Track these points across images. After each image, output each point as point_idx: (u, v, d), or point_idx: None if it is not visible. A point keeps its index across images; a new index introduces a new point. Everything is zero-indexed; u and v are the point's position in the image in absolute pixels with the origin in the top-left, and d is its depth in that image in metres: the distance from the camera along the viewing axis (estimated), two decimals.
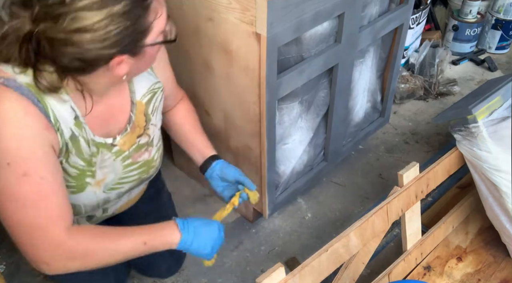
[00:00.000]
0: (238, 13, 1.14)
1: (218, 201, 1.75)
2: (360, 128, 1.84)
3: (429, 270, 1.33)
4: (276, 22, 1.11)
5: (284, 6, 1.11)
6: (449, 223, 1.42)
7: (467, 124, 1.31)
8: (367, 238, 1.14)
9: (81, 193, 0.96)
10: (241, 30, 1.16)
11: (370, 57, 1.68)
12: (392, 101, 1.99)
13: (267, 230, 1.65)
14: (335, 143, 1.69)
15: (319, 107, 1.54)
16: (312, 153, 1.64)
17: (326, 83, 1.50)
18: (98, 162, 0.96)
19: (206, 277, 1.51)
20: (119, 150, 0.99)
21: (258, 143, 1.37)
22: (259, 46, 1.14)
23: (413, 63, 2.36)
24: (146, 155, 1.07)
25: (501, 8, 2.57)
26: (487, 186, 1.30)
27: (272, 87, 1.23)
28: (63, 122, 0.86)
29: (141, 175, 1.08)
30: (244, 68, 1.23)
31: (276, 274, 0.94)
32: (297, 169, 1.60)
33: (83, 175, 0.94)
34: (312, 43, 1.32)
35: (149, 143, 1.07)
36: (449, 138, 2.02)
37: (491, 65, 2.53)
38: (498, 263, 1.35)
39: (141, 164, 1.06)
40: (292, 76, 1.28)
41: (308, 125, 1.54)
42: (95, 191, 0.99)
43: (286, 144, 1.50)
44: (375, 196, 1.76)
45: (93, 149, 0.93)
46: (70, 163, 0.91)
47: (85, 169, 0.94)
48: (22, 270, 1.52)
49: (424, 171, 1.27)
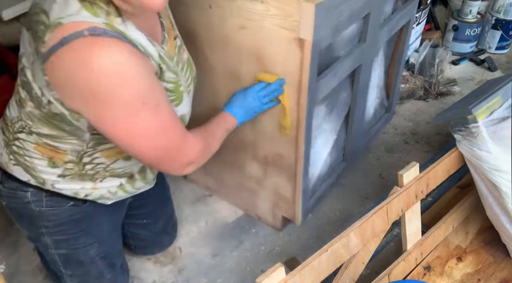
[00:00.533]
0: (277, 19, 1.11)
1: (218, 200, 1.76)
2: (371, 125, 1.85)
3: (429, 270, 1.33)
4: (320, 26, 1.10)
5: (327, 9, 1.10)
6: (449, 223, 1.42)
7: (467, 125, 1.31)
8: (367, 238, 1.14)
9: (182, 103, 1.06)
10: (280, 37, 1.14)
11: (382, 55, 1.70)
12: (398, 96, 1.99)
13: (267, 230, 1.66)
14: (353, 143, 1.69)
15: (341, 108, 1.54)
16: (335, 155, 1.63)
17: (348, 83, 1.50)
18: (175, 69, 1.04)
19: (206, 277, 1.51)
20: (171, 56, 1.05)
21: (293, 150, 1.35)
22: (302, 52, 1.12)
23: (413, 63, 2.36)
24: (185, 55, 1.14)
25: (501, 8, 2.57)
26: (487, 186, 1.30)
27: (312, 91, 1.21)
28: (147, 46, 0.92)
29: (191, 74, 1.16)
30: (282, 75, 1.21)
31: (276, 274, 0.94)
32: (322, 172, 1.60)
33: (177, 86, 1.03)
34: (342, 44, 1.32)
35: (182, 44, 1.14)
36: (449, 138, 2.01)
37: (491, 65, 2.53)
38: (498, 263, 1.35)
39: (187, 64, 1.14)
40: (328, 79, 1.27)
41: (331, 128, 1.54)
42: (187, 97, 1.10)
43: (312, 148, 1.49)
44: (375, 196, 1.76)
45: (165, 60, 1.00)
46: (166, 79, 0.98)
47: (176, 80, 1.02)
48: (22, 270, 1.52)
49: (424, 171, 1.27)
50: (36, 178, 1.04)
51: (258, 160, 1.48)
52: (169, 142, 0.95)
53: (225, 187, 1.70)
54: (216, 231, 1.66)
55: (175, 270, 1.54)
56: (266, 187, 1.54)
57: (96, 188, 1.10)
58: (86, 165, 1.04)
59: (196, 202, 1.77)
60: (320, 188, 1.62)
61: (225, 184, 1.68)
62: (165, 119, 0.93)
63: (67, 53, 0.80)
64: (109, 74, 0.81)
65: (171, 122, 0.94)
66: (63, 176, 1.04)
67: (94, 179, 1.08)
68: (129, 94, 0.84)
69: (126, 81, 0.82)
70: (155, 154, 0.95)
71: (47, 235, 1.13)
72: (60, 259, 1.19)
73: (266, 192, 1.55)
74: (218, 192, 1.75)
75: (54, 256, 1.19)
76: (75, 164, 1.03)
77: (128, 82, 0.83)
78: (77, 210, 1.11)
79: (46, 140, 0.99)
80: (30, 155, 1.02)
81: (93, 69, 0.80)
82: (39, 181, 1.05)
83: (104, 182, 1.10)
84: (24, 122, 0.99)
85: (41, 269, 1.51)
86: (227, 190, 1.70)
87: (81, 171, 1.05)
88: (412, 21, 1.71)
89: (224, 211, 1.73)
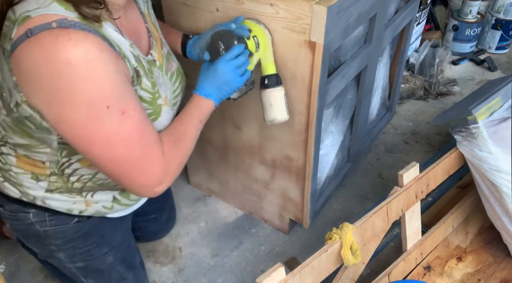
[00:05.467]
0: (287, 22, 1.10)
1: (218, 200, 1.76)
2: (373, 125, 1.86)
3: (429, 270, 1.33)
4: (331, 29, 1.08)
5: (338, 12, 1.08)
6: (449, 223, 1.42)
7: (468, 125, 1.31)
8: (367, 238, 1.14)
9: (160, 118, 0.98)
10: (290, 40, 1.12)
11: (386, 55, 1.70)
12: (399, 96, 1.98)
13: (267, 230, 1.66)
14: (358, 143, 1.69)
15: (347, 109, 1.53)
16: (341, 156, 1.63)
17: (353, 85, 1.50)
18: (155, 80, 0.96)
19: (206, 277, 1.51)
20: (160, 64, 1.01)
21: (302, 152, 1.34)
22: (313, 54, 1.11)
23: (413, 63, 2.36)
24: (173, 64, 1.09)
25: (501, 8, 2.57)
26: (488, 186, 1.30)
27: (322, 94, 1.20)
28: (123, 47, 0.85)
29: (181, 84, 1.10)
30: (291, 78, 1.19)
31: (276, 274, 0.94)
32: (329, 174, 1.60)
33: (154, 97, 0.95)
34: (349, 46, 1.32)
35: (169, 51, 1.09)
36: (449, 138, 2.02)
37: (491, 65, 2.53)
38: (498, 263, 1.35)
39: (176, 73, 1.08)
40: (337, 81, 1.26)
41: (338, 129, 1.53)
42: (167, 111, 1.01)
43: (320, 150, 1.48)
44: (375, 196, 1.76)
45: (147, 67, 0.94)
46: (142, 87, 0.91)
47: (154, 91, 0.95)
48: (22, 270, 1.52)
49: (424, 171, 1.27)
50: (26, 195, 1.00)
51: (266, 163, 1.47)
52: (129, 157, 0.85)
53: (230, 190, 1.69)
54: (216, 231, 1.66)
55: (175, 270, 1.54)
56: (273, 190, 1.53)
57: (89, 204, 1.04)
58: (70, 177, 0.98)
59: (196, 202, 1.77)
60: (327, 190, 1.62)
61: (230, 188, 1.68)
62: (129, 131, 0.82)
63: (32, 46, 0.73)
64: (74, 69, 0.73)
65: (136, 136, 0.84)
66: (50, 190, 0.99)
67: (84, 193, 1.02)
68: (92, 93, 0.76)
69: (91, 78, 0.75)
70: (112, 167, 0.86)
71: (59, 252, 1.10)
72: (79, 271, 1.16)
73: (273, 195, 1.55)
74: (223, 196, 1.74)
75: (72, 269, 1.16)
76: (58, 176, 0.98)
77: (93, 79, 0.75)
78: (83, 225, 1.08)
79: (20, 151, 0.95)
80: (14, 170, 0.98)
81: (56, 61, 0.73)
82: (29, 198, 1.00)
83: (96, 196, 1.04)
84: (0, 134, 0.95)
85: (41, 269, 1.52)
86: (232, 194, 1.69)
87: (67, 184, 0.99)
88: (413, 21, 1.71)
89: (224, 211, 1.73)
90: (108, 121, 0.79)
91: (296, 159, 1.37)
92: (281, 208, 1.57)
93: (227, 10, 1.19)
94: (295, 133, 1.31)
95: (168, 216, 1.57)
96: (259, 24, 1.13)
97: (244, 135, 1.45)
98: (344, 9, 1.11)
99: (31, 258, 1.54)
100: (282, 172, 1.45)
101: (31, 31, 0.74)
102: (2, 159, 0.99)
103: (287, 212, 1.56)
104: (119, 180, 0.89)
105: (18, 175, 0.99)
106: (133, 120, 0.83)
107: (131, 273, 1.26)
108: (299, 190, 1.45)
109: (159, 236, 1.61)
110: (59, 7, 0.76)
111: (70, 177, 0.98)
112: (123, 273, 1.23)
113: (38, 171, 0.97)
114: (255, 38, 1.11)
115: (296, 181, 1.44)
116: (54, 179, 0.98)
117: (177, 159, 0.96)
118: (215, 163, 1.63)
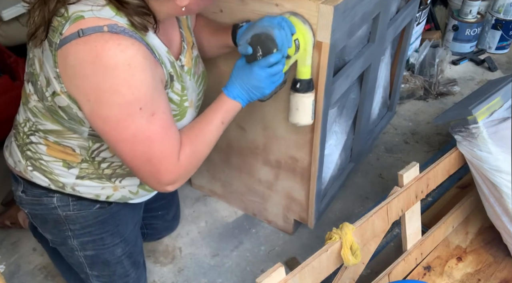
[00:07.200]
0: None
1: (218, 201, 1.75)
2: (375, 124, 1.86)
3: (429, 270, 1.33)
4: (337, 28, 1.09)
5: (343, 11, 1.08)
6: (449, 223, 1.42)
7: (468, 125, 1.31)
8: (367, 238, 1.14)
9: (184, 118, 1.03)
10: None
11: (388, 54, 1.70)
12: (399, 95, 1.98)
13: (267, 230, 1.66)
14: (360, 143, 1.69)
15: (350, 109, 1.53)
16: (344, 156, 1.63)
17: (356, 84, 1.50)
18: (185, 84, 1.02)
19: (206, 277, 1.51)
20: (188, 68, 1.05)
21: (307, 153, 1.33)
22: (319, 54, 1.11)
23: (413, 63, 2.36)
24: (200, 66, 1.13)
25: (501, 8, 2.57)
26: (488, 186, 1.30)
27: (328, 94, 1.20)
28: (162, 53, 0.93)
29: (204, 87, 1.14)
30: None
31: (276, 274, 0.94)
32: (333, 174, 1.60)
33: (182, 100, 1.01)
34: (353, 45, 1.32)
35: (198, 54, 1.13)
36: (449, 138, 2.02)
37: (491, 65, 2.53)
38: (498, 263, 1.35)
39: (202, 76, 1.12)
40: (342, 81, 1.26)
41: (341, 129, 1.53)
42: (191, 113, 1.06)
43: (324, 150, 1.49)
44: (375, 196, 1.76)
45: (179, 72, 1.00)
46: (173, 90, 0.97)
47: (182, 94, 1.01)
48: (22, 270, 1.52)
49: (424, 171, 1.27)
50: (55, 182, 1.04)
51: (270, 164, 1.47)
52: (151, 156, 0.91)
53: (233, 192, 1.68)
54: (216, 231, 1.66)
55: (175, 270, 1.54)
56: (277, 191, 1.53)
57: (117, 188, 1.09)
58: (101, 164, 1.03)
59: (196, 202, 1.77)
60: (331, 190, 1.62)
61: (233, 189, 1.67)
62: (155, 131, 0.89)
63: (82, 45, 0.80)
64: (117, 73, 0.80)
65: (160, 136, 0.90)
66: (81, 177, 1.04)
67: (113, 179, 1.07)
68: (130, 95, 0.83)
69: (131, 83, 0.82)
70: (132, 162, 0.92)
71: (74, 238, 1.13)
72: (86, 260, 1.19)
73: (277, 196, 1.54)
74: (226, 197, 1.74)
75: (80, 258, 1.18)
76: (89, 164, 1.02)
77: (133, 83, 0.82)
78: (104, 211, 1.11)
79: (51, 137, 0.99)
80: (45, 159, 1.02)
81: (103, 63, 0.79)
82: (58, 185, 1.04)
83: (124, 181, 1.09)
84: (30, 122, 0.99)
85: (41, 269, 1.52)
86: (235, 196, 1.69)
87: (98, 170, 1.04)
88: (414, 20, 1.71)
89: (224, 211, 1.73)
90: (138, 121, 0.86)
91: (301, 159, 1.37)
92: (285, 209, 1.57)
93: (231, 11, 1.18)
94: (301, 133, 1.31)
95: (174, 214, 1.57)
96: (304, 24, 1.07)
97: (248, 136, 1.45)
98: (350, 8, 1.11)
99: (31, 258, 1.55)
100: (287, 173, 1.45)
101: (83, 31, 0.80)
102: (32, 148, 1.02)
103: (292, 213, 1.56)
104: (136, 173, 0.96)
105: (49, 163, 1.02)
106: (161, 122, 0.89)
107: (135, 271, 1.27)
108: (304, 190, 1.45)
109: (164, 234, 1.62)
110: (111, 12, 0.83)
111: (101, 164, 1.03)
112: (128, 269, 1.25)
113: (69, 159, 1.01)
114: (297, 41, 1.06)
115: (301, 182, 1.43)
116: (86, 166, 1.03)
117: (192, 162, 1.00)
118: (217, 164, 1.63)
